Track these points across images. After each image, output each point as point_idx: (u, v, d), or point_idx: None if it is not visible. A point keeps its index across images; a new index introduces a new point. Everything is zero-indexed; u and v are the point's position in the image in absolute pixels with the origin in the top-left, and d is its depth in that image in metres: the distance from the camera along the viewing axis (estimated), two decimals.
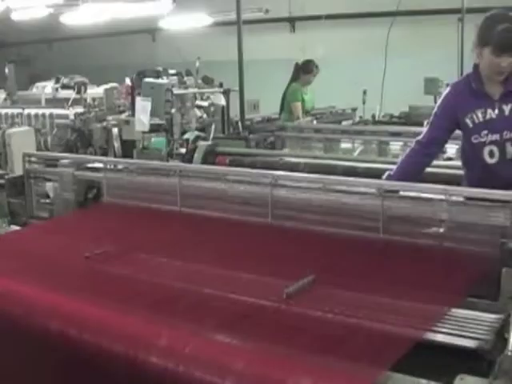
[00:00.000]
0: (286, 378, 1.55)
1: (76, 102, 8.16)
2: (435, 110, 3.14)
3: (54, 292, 2.09)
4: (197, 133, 6.33)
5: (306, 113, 7.36)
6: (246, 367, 1.60)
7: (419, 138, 3.11)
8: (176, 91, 6.99)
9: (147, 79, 6.88)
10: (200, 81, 8.26)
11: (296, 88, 7.37)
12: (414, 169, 3.07)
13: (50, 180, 3.66)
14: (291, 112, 7.24)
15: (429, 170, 3.14)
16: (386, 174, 3.05)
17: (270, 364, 1.61)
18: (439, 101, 3.17)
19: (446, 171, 3.56)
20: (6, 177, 3.85)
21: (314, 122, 6.95)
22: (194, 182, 3.10)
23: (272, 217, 2.76)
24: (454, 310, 1.93)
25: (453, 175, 3.42)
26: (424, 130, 3.14)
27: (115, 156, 6.83)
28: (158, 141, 6.23)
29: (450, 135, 3.12)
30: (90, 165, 3.53)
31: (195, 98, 7.75)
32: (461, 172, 3.25)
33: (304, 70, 7.43)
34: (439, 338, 1.80)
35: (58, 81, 9.97)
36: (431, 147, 3.11)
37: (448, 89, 3.14)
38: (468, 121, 2.98)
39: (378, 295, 2.01)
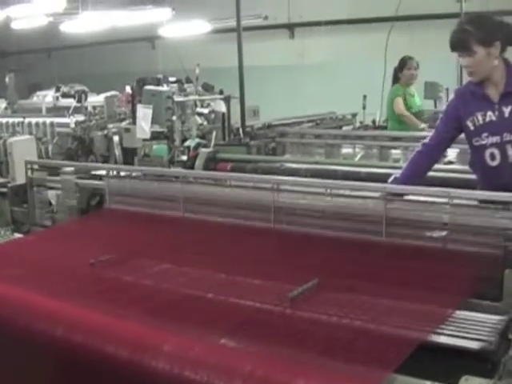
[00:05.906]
0: (291, 381, 1.55)
1: (76, 111, 8.18)
2: (441, 114, 3.22)
3: (59, 299, 2.10)
4: (198, 140, 6.33)
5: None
6: (251, 371, 1.60)
7: (425, 140, 3.16)
8: (176, 98, 7.02)
9: (148, 87, 6.91)
10: (200, 88, 8.28)
11: (395, 88, 6.54)
12: (420, 170, 3.12)
13: (52, 188, 3.67)
14: (398, 120, 6.37)
15: (430, 173, 3.15)
16: (392, 177, 3.09)
17: (275, 368, 1.61)
18: (445, 105, 3.22)
19: (446, 175, 3.58)
20: (9, 185, 3.85)
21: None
22: (197, 188, 3.11)
23: (275, 221, 2.77)
24: (457, 311, 1.94)
25: (454, 178, 3.43)
26: (430, 133, 3.21)
27: (116, 164, 6.84)
28: (160, 148, 6.25)
29: (453, 139, 3.15)
30: (92, 172, 3.55)
31: (196, 105, 7.77)
32: (462, 175, 3.27)
33: (399, 67, 6.58)
34: (443, 339, 1.80)
35: (58, 89, 10.01)
36: (435, 150, 3.17)
37: (453, 93, 3.19)
38: (469, 123, 3.00)
39: (382, 298, 2.02)
